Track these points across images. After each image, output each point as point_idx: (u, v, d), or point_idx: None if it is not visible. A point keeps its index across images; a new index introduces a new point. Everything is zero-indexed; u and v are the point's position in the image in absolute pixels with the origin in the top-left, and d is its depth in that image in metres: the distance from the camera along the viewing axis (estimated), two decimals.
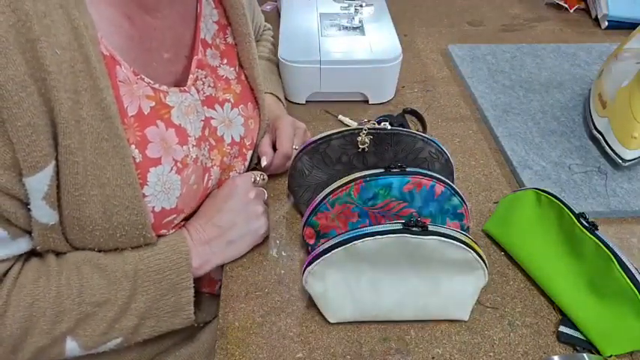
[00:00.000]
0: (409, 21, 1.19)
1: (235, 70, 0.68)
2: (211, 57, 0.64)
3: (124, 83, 0.51)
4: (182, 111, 0.58)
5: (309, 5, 1.02)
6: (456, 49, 1.04)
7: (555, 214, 0.61)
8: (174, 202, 0.57)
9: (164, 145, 0.55)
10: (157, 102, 0.55)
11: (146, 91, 0.54)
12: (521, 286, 0.62)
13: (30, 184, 0.46)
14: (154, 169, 0.54)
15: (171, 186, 0.56)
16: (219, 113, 0.64)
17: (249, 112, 0.69)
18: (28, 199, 0.48)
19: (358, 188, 0.58)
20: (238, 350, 0.56)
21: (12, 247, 0.50)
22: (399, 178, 0.58)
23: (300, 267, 0.63)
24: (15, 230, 0.50)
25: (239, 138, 0.67)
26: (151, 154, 0.54)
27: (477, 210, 0.72)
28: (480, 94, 0.92)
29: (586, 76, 0.97)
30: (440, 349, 0.56)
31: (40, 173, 0.46)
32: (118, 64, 0.51)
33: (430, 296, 0.56)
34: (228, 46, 0.67)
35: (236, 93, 0.67)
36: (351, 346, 0.56)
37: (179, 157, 0.57)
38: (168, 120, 0.56)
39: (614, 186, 0.74)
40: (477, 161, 0.80)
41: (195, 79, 0.61)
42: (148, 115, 0.54)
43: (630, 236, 0.68)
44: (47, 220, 0.50)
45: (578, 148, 0.80)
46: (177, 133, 0.57)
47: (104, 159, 0.49)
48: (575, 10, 1.23)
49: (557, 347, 0.56)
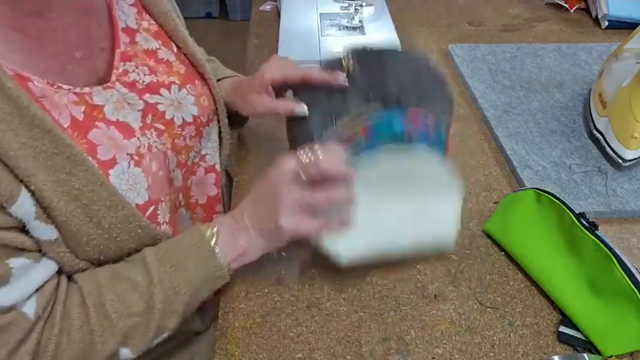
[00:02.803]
0: (409, 21, 1.18)
1: (173, 51, 0.66)
2: (145, 41, 0.62)
3: (44, 98, 0.49)
4: (114, 107, 0.56)
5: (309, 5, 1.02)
6: (456, 49, 1.04)
7: (555, 214, 0.61)
8: (145, 194, 0.55)
9: (113, 144, 0.54)
10: (86, 105, 0.53)
11: (70, 97, 0.52)
12: (521, 286, 0.62)
13: (17, 212, 0.46)
14: (113, 170, 0.53)
15: (135, 180, 0.55)
16: (167, 97, 0.62)
17: (199, 89, 0.66)
18: (23, 223, 0.47)
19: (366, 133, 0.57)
20: (238, 350, 0.56)
21: (40, 270, 0.50)
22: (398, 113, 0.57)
23: (301, 267, 0.63)
24: (33, 255, 0.49)
25: (192, 118, 0.65)
26: (104, 157, 0.52)
27: (477, 210, 0.72)
28: (480, 94, 0.92)
29: (586, 76, 0.97)
30: (440, 349, 0.56)
31: (18, 200, 0.45)
32: (29, 81, 0.49)
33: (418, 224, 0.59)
34: (159, 28, 0.65)
35: (180, 74, 0.64)
36: (351, 346, 0.56)
37: (132, 151, 0.55)
38: (104, 119, 0.54)
39: (614, 186, 0.74)
40: (477, 161, 0.80)
41: (123, 73, 0.59)
42: (84, 121, 0.52)
43: (630, 236, 0.68)
44: (49, 236, 0.49)
45: (578, 148, 0.80)
46: (118, 128, 0.55)
47: (64, 173, 0.48)
48: (575, 10, 1.23)
49: (557, 347, 0.56)
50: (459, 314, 0.59)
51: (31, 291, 0.48)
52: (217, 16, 2.98)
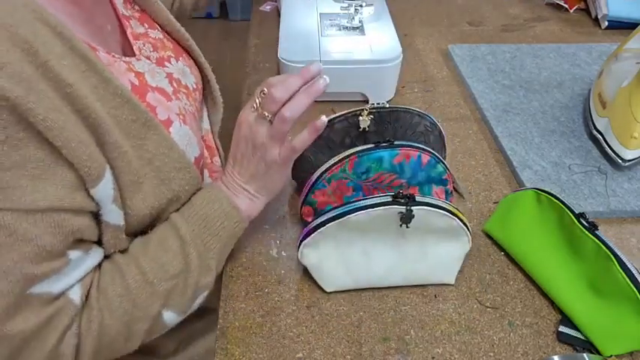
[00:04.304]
0: (409, 21, 1.19)
1: (159, 31, 0.69)
2: (136, 27, 0.65)
3: (110, 66, 0.52)
4: (150, 75, 0.59)
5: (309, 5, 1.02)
6: (456, 49, 1.04)
7: (555, 214, 0.61)
8: (197, 148, 0.60)
9: (164, 106, 0.57)
10: (134, 72, 0.56)
11: (123, 66, 0.55)
12: (521, 286, 0.62)
13: (98, 194, 0.48)
14: (172, 128, 0.57)
15: (189, 137, 0.59)
16: (174, 66, 0.66)
17: (188, 62, 0.71)
18: (99, 207, 0.49)
19: (352, 164, 0.62)
20: (238, 350, 0.56)
21: (88, 263, 0.52)
22: (388, 151, 0.62)
23: (301, 267, 0.63)
24: (86, 245, 0.51)
25: (194, 85, 0.69)
26: (162, 117, 0.56)
27: (477, 210, 0.72)
28: (479, 94, 0.92)
29: (586, 76, 0.97)
30: (440, 349, 0.56)
31: (102, 180, 0.48)
32: (96, 51, 0.52)
33: (418, 262, 0.60)
34: (141, 13, 0.68)
35: (171, 49, 0.68)
36: (351, 346, 0.56)
37: (177, 111, 0.59)
38: (149, 85, 0.57)
39: (614, 186, 0.74)
40: (477, 161, 0.80)
41: (139, 49, 0.62)
42: (140, 86, 0.55)
43: (630, 236, 0.68)
44: (118, 221, 0.52)
45: (578, 148, 0.80)
46: (160, 93, 0.58)
47: (140, 138, 0.51)
48: (575, 10, 1.23)
49: (557, 347, 0.56)
50: (459, 314, 0.59)
51: (78, 279, 0.50)
52: (217, 16, 2.98)
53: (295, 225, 0.69)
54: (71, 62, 0.46)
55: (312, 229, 0.58)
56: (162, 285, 0.53)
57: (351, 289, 0.61)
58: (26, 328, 0.46)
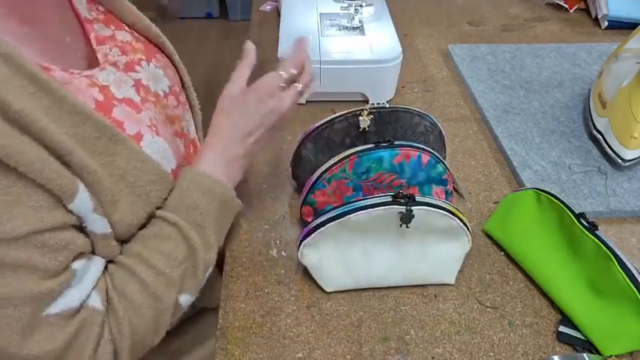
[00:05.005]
0: (409, 21, 1.19)
1: (127, 31, 0.67)
2: (101, 30, 0.63)
3: (68, 84, 0.50)
4: (116, 86, 0.57)
5: (309, 5, 1.02)
6: (456, 49, 1.04)
7: (555, 214, 0.61)
8: (173, 159, 0.59)
9: (132, 119, 0.55)
10: (98, 86, 0.54)
11: (84, 81, 0.53)
12: (521, 286, 0.62)
13: (77, 208, 0.47)
14: (142, 142, 0.55)
15: (162, 148, 0.57)
16: (143, 72, 0.63)
17: (162, 61, 0.68)
18: (82, 219, 0.49)
19: (352, 163, 0.62)
20: (238, 350, 0.56)
21: (94, 266, 0.51)
22: (388, 151, 0.62)
23: (301, 267, 0.63)
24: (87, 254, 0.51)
25: (168, 88, 0.67)
26: (131, 132, 0.54)
27: (477, 210, 0.72)
28: (479, 94, 0.92)
29: (586, 76, 0.97)
30: (440, 349, 0.56)
31: (78, 195, 0.47)
32: (50, 70, 0.50)
33: (418, 262, 0.60)
34: (107, 14, 0.66)
35: (142, 50, 0.66)
36: (351, 346, 0.56)
37: (148, 122, 0.57)
38: (115, 97, 0.55)
39: (614, 186, 0.74)
40: (477, 161, 0.80)
41: (104, 55, 0.60)
42: (104, 101, 0.53)
43: (630, 236, 0.68)
44: (104, 229, 0.51)
45: (578, 148, 0.80)
46: (128, 104, 0.56)
47: (108, 154, 0.50)
48: (575, 10, 1.23)
49: (557, 347, 0.56)
50: (459, 314, 0.59)
51: (91, 287, 0.50)
52: (217, 16, 2.98)
53: (295, 225, 0.69)
54: (17, 85, 0.44)
55: (312, 229, 0.58)
56: (175, 272, 0.54)
57: (351, 289, 0.61)
58: (55, 347, 0.46)
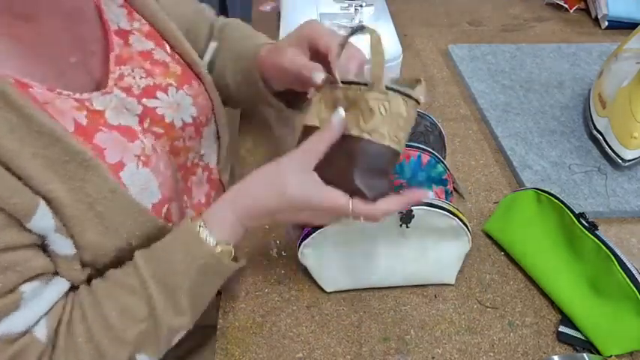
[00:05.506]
0: (409, 21, 1.19)
1: (167, 52, 0.64)
2: (139, 43, 0.61)
3: (47, 104, 0.49)
4: (114, 112, 0.55)
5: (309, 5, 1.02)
6: (456, 49, 1.04)
7: (555, 214, 0.61)
8: (158, 193, 0.55)
9: (119, 147, 0.53)
10: (88, 110, 0.52)
11: (71, 103, 0.51)
12: (521, 286, 0.62)
13: (36, 226, 0.45)
14: (123, 172, 0.52)
15: (146, 180, 0.54)
16: (165, 100, 0.61)
17: (195, 89, 0.65)
18: (44, 237, 0.47)
19: None
20: (238, 350, 0.56)
21: (50, 291, 0.49)
22: None
23: (301, 267, 0.63)
24: (44, 276, 0.49)
25: (191, 118, 0.64)
26: (112, 160, 0.52)
27: (477, 210, 0.72)
28: (480, 94, 0.92)
29: (586, 76, 0.97)
30: (440, 349, 0.56)
31: (37, 213, 0.45)
32: (30, 87, 0.48)
33: (418, 262, 0.60)
34: (149, 28, 0.63)
35: (177, 75, 0.63)
36: (351, 346, 0.56)
37: (138, 152, 0.54)
38: (107, 124, 0.53)
39: (614, 186, 0.74)
40: (477, 161, 0.80)
41: (119, 77, 0.57)
42: (88, 126, 0.51)
43: (630, 236, 0.68)
44: (67, 251, 0.49)
45: (578, 148, 0.80)
46: (121, 132, 0.54)
47: (78, 180, 0.47)
48: (575, 10, 1.23)
49: (557, 347, 0.56)
50: (459, 314, 0.59)
51: (41, 313, 0.48)
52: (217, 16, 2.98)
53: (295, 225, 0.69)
54: None
55: (312, 229, 0.58)
56: (129, 330, 0.49)
57: (351, 289, 0.61)
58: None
